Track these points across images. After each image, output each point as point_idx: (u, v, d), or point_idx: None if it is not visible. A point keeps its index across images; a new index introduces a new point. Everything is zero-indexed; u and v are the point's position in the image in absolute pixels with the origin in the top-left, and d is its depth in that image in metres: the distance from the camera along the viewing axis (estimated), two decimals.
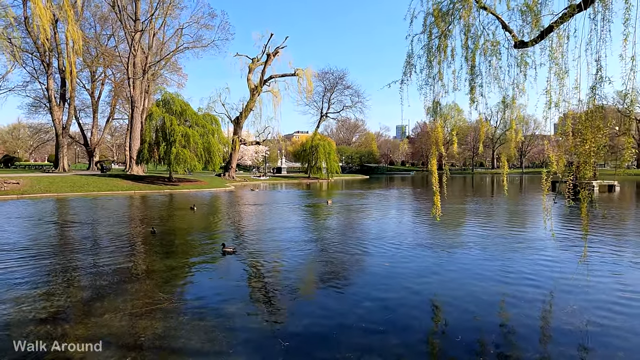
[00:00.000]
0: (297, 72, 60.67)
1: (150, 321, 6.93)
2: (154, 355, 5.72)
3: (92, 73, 68.06)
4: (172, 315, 7.20)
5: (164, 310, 7.43)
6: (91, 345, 4.43)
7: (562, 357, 5.64)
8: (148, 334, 6.39)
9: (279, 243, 13.92)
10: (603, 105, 6.51)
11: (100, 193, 36.01)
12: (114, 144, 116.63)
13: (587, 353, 5.76)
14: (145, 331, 6.50)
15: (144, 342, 6.10)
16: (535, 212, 24.38)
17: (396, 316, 7.11)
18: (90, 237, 15.04)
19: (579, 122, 7.15)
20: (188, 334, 6.39)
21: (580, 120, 7.06)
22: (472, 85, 9.58)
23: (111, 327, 6.63)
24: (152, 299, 8.09)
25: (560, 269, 10.28)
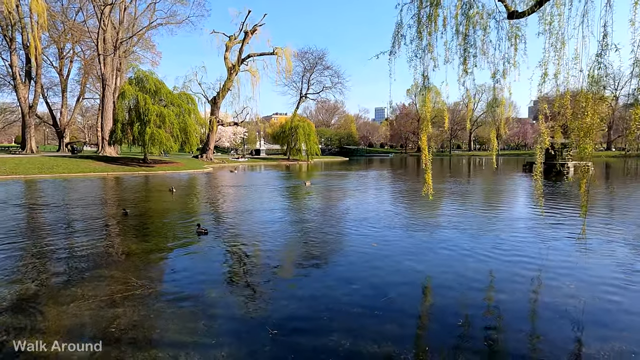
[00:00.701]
0: (276, 51, 59.20)
1: (123, 309, 6.35)
2: (127, 347, 5.17)
3: (60, 50, 64.58)
4: (147, 303, 6.63)
5: (138, 297, 6.85)
6: (91, 345, 3.99)
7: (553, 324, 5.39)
8: (121, 324, 5.82)
9: (260, 225, 13.40)
10: (607, 74, 6.16)
11: (70, 175, 34.51)
12: (85, 125, 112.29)
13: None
14: (117, 320, 5.92)
15: (116, 333, 5.54)
16: (513, 191, 24.50)
17: (387, 298, 6.75)
18: (61, 220, 14.15)
19: (579, 95, 6.79)
20: (165, 323, 5.86)
21: (581, 92, 6.69)
22: (465, 55, 9.11)
23: (80, 317, 6.04)
24: (125, 284, 7.48)
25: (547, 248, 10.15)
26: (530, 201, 19.50)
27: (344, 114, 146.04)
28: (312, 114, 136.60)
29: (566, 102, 7.22)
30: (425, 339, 5.42)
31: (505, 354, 5.07)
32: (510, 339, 5.42)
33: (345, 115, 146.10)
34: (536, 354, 5.02)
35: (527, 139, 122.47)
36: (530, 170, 42.82)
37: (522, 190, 24.84)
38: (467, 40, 9.11)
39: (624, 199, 19.68)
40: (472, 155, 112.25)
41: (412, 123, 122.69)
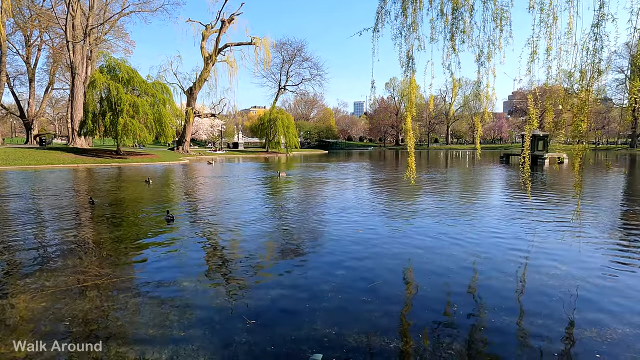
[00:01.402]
0: (254, 41, 58.03)
1: (81, 301, 5.73)
2: (86, 343, 4.59)
3: (27, 37, 61.62)
4: (110, 294, 6.04)
5: (101, 288, 6.24)
6: (91, 345, 3.56)
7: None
8: (79, 317, 5.22)
9: (237, 214, 12.83)
10: (604, 46, 5.85)
11: (39, 166, 32.93)
12: (55, 116, 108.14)
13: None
14: (75, 313, 5.31)
15: (73, 327, 4.94)
16: (495, 180, 24.56)
17: (373, 284, 6.33)
18: (26, 210, 13.20)
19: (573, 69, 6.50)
20: (130, 315, 5.29)
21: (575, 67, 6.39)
22: (453, 31, 8.74)
23: (33, 310, 5.40)
24: (85, 274, 6.84)
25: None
26: (512, 187, 19.51)
27: (323, 107, 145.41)
28: (291, 107, 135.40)
29: (559, 80, 6.92)
30: (413, 327, 5.02)
31: (491, 332, 4.73)
32: (496, 319, 5.09)
33: (324, 109, 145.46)
34: (513, 328, 4.70)
35: (502, 132, 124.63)
36: (507, 161, 43.44)
37: (502, 179, 24.92)
38: (455, 16, 8.73)
39: (594, 186, 19.91)
40: (449, 148, 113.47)
41: (391, 117, 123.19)
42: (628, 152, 71.44)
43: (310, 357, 4.24)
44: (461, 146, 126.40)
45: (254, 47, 58.55)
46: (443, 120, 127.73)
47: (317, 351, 4.35)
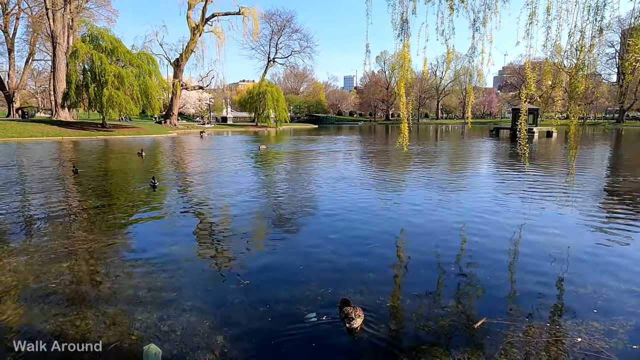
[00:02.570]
0: (243, 11, 56.35)
1: (67, 264, 5.58)
2: (74, 304, 4.47)
3: (3, 5, 58.91)
4: (98, 257, 5.89)
5: (89, 251, 6.09)
6: (91, 345, 3.46)
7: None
8: (66, 279, 5.08)
9: (227, 185, 12.65)
10: (607, 2, 5.67)
11: (22, 139, 32.09)
12: (37, 89, 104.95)
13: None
14: (62, 276, 5.17)
15: (60, 289, 4.81)
16: (484, 152, 24.60)
17: (372, 245, 6.28)
18: (11, 180, 12.83)
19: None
20: (119, 278, 5.16)
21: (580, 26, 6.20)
22: None
23: (22, 274, 5.24)
24: (72, 239, 6.67)
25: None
26: (505, 157, 19.55)
27: (313, 81, 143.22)
28: (281, 81, 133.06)
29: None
30: (408, 286, 4.97)
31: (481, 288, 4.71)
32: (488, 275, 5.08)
33: (314, 83, 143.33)
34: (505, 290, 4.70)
35: (492, 107, 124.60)
36: (497, 135, 43.55)
37: (494, 150, 24.96)
38: None
39: (582, 158, 20.07)
40: (439, 123, 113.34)
41: (381, 91, 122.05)
42: (614, 127, 72.07)
43: (306, 315, 4.18)
44: (451, 121, 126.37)
45: (242, 17, 56.94)
46: (433, 95, 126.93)
47: (312, 310, 4.29)
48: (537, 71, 8.60)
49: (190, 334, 3.85)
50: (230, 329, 3.92)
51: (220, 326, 3.98)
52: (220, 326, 3.98)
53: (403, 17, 10.07)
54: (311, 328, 3.97)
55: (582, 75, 6.26)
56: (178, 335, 3.84)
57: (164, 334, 3.86)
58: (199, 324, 4.02)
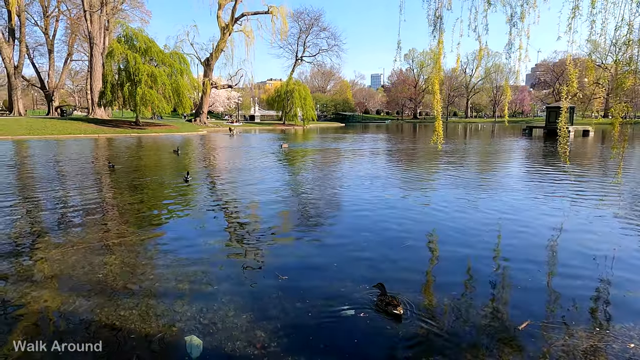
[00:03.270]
0: (271, 10, 56.79)
1: (110, 256, 5.78)
2: (118, 295, 4.62)
3: (44, 7, 61.55)
4: (136, 250, 6.08)
5: (129, 244, 6.28)
6: (91, 345, 3.62)
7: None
8: (111, 270, 5.26)
9: (259, 181, 12.78)
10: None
11: (61, 136, 33.44)
12: (74, 89, 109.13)
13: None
14: (108, 267, 5.36)
15: (106, 280, 4.98)
16: (520, 151, 23.92)
17: (405, 245, 6.22)
18: (52, 175, 13.43)
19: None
20: (158, 270, 5.30)
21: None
22: None
23: (67, 262, 5.46)
24: (110, 232, 6.90)
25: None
26: (539, 158, 18.98)
27: (340, 79, 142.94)
28: (308, 80, 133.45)
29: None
30: (445, 284, 4.88)
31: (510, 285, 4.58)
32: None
33: (341, 81, 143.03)
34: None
35: (524, 106, 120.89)
36: (530, 134, 42.29)
37: (525, 150, 24.26)
38: None
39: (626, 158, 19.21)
40: (468, 122, 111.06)
41: (409, 89, 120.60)
42: None
43: (343, 311, 4.18)
44: (481, 119, 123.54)
45: (271, 16, 57.39)
46: (463, 93, 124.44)
47: (349, 306, 4.28)
48: (579, 68, 8.31)
49: (230, 327, 3.91)
50: (269, 323, 3.96)
51: (259, 320, 4.03)
52: (258, 320, 4.03)
53: (437, 13, 9.91)
54: (350, 324, 3.97)
55: (629, 70, 5.99)
56: (219, 327, 3.90)
57: (205, 326, 3.94)
58: (238, 318, 4.08)
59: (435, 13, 9.88)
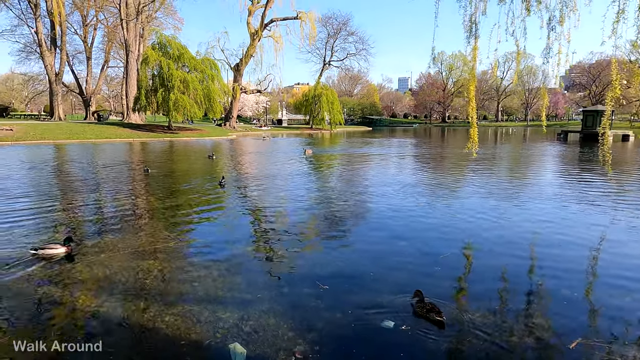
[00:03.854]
0: (300, 16, 57.27)
1: (150, 261, 5.98)
2: (161, 301, 4.78)
3: (84, 17, 64.22)
4: (178, 256, 6.27)
5: (170, 250, 6.48)
6: (91, 345, 3.76)
7: None
8: (153, 276, 5.45)
9: (290, 187, 12.90)
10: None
11: (98, 140, 34.74)
12: (110, 94, 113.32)
13: None
14: (150, 272, 5.55)
15: (148, 285, 5.16)
16: (561, 157, 23.21)
17: (444, 256, 6.16)
18: (94, 179, 14.00)
19: None
20: (199, 277, 5.45)
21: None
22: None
23: (110, 267, 5.69)
24: (153, 237, 7.14)
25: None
26: (577, 165, 18.38)
27: (367, 83, 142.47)
28: (335, 84, 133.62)
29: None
30: (486, 299, 4.81)
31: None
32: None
33: (368, 85, 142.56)
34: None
35: (558, 109, 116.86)
36: (565, 139, 40.91)
37: (562, 156, 23.51)
38: None
39: None
40: (499, 125, 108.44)
41: (438, 92, 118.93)
42: None
43: (382, 322, 4.18)
44: (512, 123, 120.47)
45: (300, 21, 57.85)
46: (493, 97, 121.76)
47: (388, 317, 4.28)
48: (624, 71, 8.04)
49: (271, 336, 3.99)
50: (309, 333, 4.02)
51: (299, 329, 4.09)
52: (299, 329, 4.09)
53: (473, 18, 9.82)
54: (390, 335, 3.97)
55: None
56: (260, 336, 3.99)
57: (246, 333, 4.03)
58: (279, 326, 4.15)
59: (471, 19, 9.79)
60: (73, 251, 6.22)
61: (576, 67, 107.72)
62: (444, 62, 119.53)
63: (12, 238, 7.02)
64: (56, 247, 6.16)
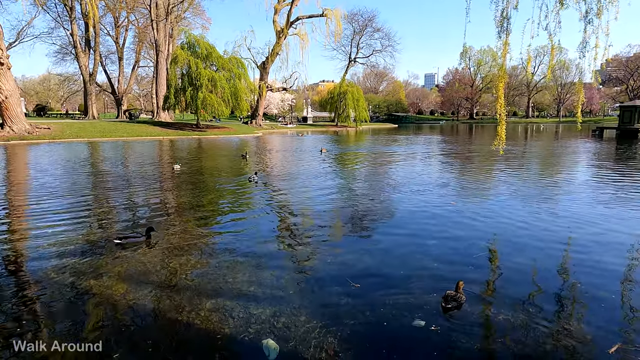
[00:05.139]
0: (326, 13, 57.27)
1: (184, 257, 6.17)
2: (195, 295, 4.93)
3: (116, 18, 66.22)
4: (211, 252, 6.43)
5: (202, 247, 6.67)
6: (91, 345, 3.83)
7: None
8: (186, 271, 5.62)
9: (318, 185, 12.98)
10: None
11: (129, 138, 35.83)
12: (140, 93, 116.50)
13: None
14: (183, 268, 5.74)
15: (182, 281, 5.34)
16: (577, 156, 22.42)
17: (477, 255, 6.10)
18: (126, 176, 14.50)
19: None
20: (232, 273, 5.58)
21: None
22: None
23: (146, 263, 5.91)
24: (188, 234, 7.35)
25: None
26: (614, 164, 17.74)
27: (393, 80, 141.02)
28: (360, 81, 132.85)
29: None
30: (519, 300, 4.74)
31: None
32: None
33: (393, 82, 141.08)
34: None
35: (592, 104, 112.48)
36: (601, 136, 39.47)
37: (597, 154, 22.68)
38: None
39: None
40: (529, 122, 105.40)
41: (465, 89, 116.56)
42: None
43: (413, 322, 4.20)
44: (543, 119, 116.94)
45: (325, 18, 57.87)
46: (523, 92, 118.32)
47: (418, 316, 4.29)
48: None
49: (303, 332, 4.06)
50: (340, 331, 4.07)
51: (330, 327, 4.14)
52: (330, 327, 4.14)
53: (504, 13, 9.65)
54: (421, 334, 3.98)
55: None
56: (292, 332, 4.07)
57: (279, 330, 4.12)
58: (310, 323, 4.22)
59: (503, 13, 9.64)
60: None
61: (613, 61, 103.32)
62: (472, 58, 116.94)
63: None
64: (137, 236, 6.86)
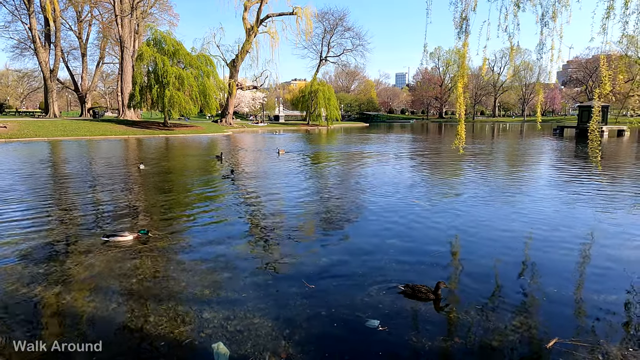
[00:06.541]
0: (296, 11, 56.98)
1: (140, 260, 5.96)
2: (148, 300, 4.76)
3: (78, 13, 63.74)
4: (166, 255, 6.24)
5: (157, 249, 6.46)
6: (91, 345, 3.74)
7: None
8: (140, 275, 5.43)
9: (284, 184, 12.88)
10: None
11: (93, 137, 34.59)
12: (106, 91, 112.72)
13: None
14: (137, 271, 5.53)
15: (135, 285, 5.14)
16: (549, 152, 23.25)
17: (424, 256, 6.16)
18: (88, 176, 13.94)
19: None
20: (187, 276, 5.43)
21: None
22: None
23: (97, 267, 5.67)
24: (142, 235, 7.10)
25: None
26: (570, 161, 18.43)
27: (364, 79, 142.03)
28: (332, 80, 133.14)
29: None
30: (471, 297, 4.81)
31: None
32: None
33: (365, 81, 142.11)
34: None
35: (555, 104, 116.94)
36: (561, 134, 41.02)
37: (555, 152, 23.54)
38: None
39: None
40: (495, 121, 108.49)
41: (435, 88, 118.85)
42: None
43: (367, 322, 4.18)
44: (508, 119, 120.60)
45: (296, 17, 57.57)
46: (490, 92, 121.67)
47: (373, 317, 4.28)
48: (613, 67, 8.05)
49: (255, 336, 3.97)
50: (294, 333, 4.01)
51: (284, 329, 4.07)
52: (284, 329, 4.07)
53: (463, 14, 9.77)
54: (374, 335, 3.97)
55: None
56: (244, 336, 3.97)
57: (231, 333, 4.02)
58: (263, 326, 4.14)
59: (462, 15, 9.75)
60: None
61: (573, 63, 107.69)
62: (441, 58, 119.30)
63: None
64: (125, 234, 6.75)
